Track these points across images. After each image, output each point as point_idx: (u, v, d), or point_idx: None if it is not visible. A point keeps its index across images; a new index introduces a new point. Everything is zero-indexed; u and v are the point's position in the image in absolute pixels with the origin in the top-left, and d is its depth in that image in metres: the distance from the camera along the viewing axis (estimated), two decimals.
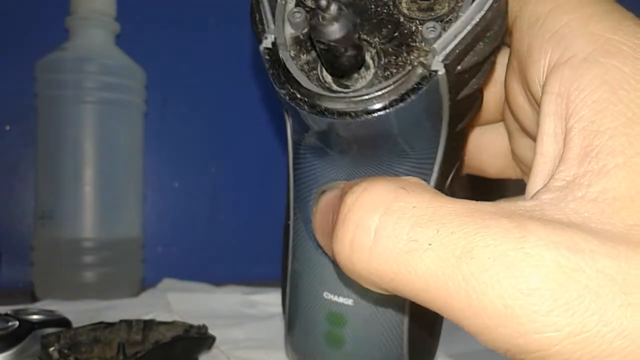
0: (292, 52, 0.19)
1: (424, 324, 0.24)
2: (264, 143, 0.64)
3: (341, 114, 0.17)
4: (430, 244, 0.14)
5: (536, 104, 0.18)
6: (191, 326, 0.33)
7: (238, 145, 0.65)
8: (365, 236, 0.15)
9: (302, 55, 0.18)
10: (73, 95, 0.51)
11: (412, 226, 0.15)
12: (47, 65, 0.52)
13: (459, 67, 0.17)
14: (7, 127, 0.59)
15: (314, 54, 0.18)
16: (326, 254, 0.20)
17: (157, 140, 0.61)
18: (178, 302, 0.46)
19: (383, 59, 0.18)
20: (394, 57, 0.18)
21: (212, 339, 0.33)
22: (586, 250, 0.13)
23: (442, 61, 0.17)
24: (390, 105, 0.17)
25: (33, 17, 0.59)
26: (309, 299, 0.23)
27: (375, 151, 0.20)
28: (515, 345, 0.13)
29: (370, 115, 0.17)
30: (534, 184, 0.16)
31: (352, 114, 0.17)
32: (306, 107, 0.18)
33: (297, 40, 0.19)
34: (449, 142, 0.20)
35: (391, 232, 0.15)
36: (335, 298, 0.22)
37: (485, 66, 0.19)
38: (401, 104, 0.17)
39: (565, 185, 0.15)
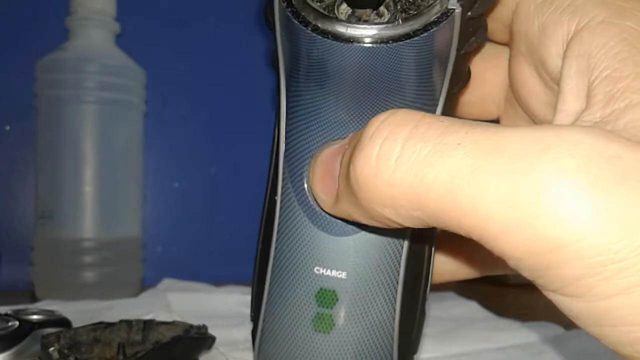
0: None
1: (413, 304, 0.23)
2: (264, 143, 0.64)
3: (365, 40, 0.18)
4: (459, 143, 0.13)
5: (551, 81, 0.19)
6: (191, 326, 0.33)
7: (238, 145, 0.65)
8: (393, 147, 0.15)
9: (319, 3, 0.19)
10: (73, 95, 0.51)
11: (440, 134, 0.14)
12: (47, 65, 0.52)
13: (469, 13, 0.19)
14: (7, 127, 0.59)
15: (328, 0, 0.19)
16: (321, 222, 0.20)
17: (157, 140, 0.61)
18: (178, 302, 0.46)
19: (399, 4, 0.19)
20: (410, 3, 0.19)
21: (212, 339, 0.33)
22: (623, 142, 0.13)
23: (458, 1, 0.18)
24: (415, 33, 0.18)
25: (33, 17, 0.59)
26: (296, 278, 0.22)
27: (377, 96, 0.20)
28: (544, 239, 0.12)
29: (393, 43, 0.18)
30: None
31: (378, 40, 0.18)
32: (330, 37, 0.18)
33: None
34: (446, 104, 0.21)
35: (418, 140, 0.14)
36: (328, 272, 0.21)
37: (481, 28, 0.20)
38: (424, 34, 0.18)
39: (591, 126, 0.14)
